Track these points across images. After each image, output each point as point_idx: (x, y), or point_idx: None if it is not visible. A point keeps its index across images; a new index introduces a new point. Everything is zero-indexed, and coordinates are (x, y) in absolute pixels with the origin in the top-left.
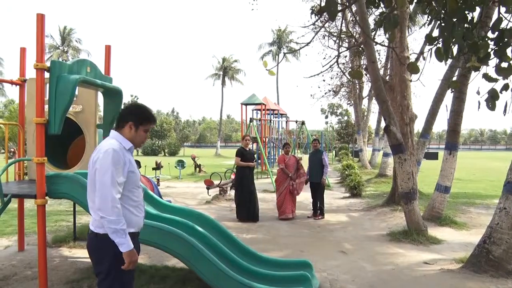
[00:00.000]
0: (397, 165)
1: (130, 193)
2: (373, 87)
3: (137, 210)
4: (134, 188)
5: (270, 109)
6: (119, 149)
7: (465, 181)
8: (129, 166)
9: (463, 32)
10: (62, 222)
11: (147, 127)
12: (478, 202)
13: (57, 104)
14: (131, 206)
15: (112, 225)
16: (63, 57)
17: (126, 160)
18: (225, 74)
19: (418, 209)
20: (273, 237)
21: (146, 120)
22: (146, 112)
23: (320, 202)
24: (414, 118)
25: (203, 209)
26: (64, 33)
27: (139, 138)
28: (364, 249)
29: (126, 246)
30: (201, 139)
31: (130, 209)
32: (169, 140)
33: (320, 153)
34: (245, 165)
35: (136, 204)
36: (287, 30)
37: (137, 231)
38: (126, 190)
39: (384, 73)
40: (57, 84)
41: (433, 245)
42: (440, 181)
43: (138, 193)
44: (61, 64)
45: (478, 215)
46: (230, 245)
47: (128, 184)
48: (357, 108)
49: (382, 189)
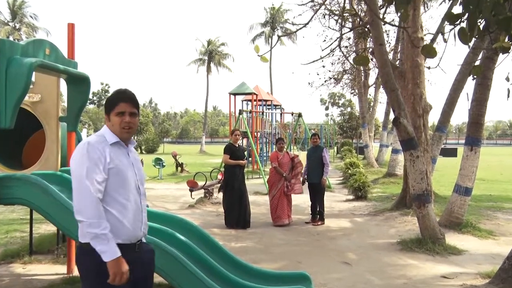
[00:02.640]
0: (408, 163)
1: (117, 193)
2: (381, 74)
3: (126, 216)
4: (121, 188)
5: (263, 99)
6: (96, 142)
7: (491, 182)
8: (111, 162)
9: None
10: (15, 233)
11: (117, 110)
12: (507, 206)
13: (9, 93)
14: (117, 210)
15: (91, 229)
16: (14, 36)
17: (106, 155)
18: (211, 59)
19: (434, 213)
20: (266, 246)
21: (112, 102)
22: (111, 95)
23: (319, 206)
24: (428, 109)
25: (186, 215)
26: (14, 6)
27: (115, 126)
28: (371, 259)
29: (109, 254)
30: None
31: (115, 214)
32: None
33: (320, 150)
34: (235, 164)
35: (124, 208)
36: (282, 9)
37: (128, 243)
38: (111, 191)
39: (393, 58)
40: (8, 69)
41: (452, 256)
42: (459, 182)
43: (127, 195)
44: (12, 44)
45: (507, 222)
46: (217, 256)
47: (112, 183)
48: (362, 98)
49: (391, 190)
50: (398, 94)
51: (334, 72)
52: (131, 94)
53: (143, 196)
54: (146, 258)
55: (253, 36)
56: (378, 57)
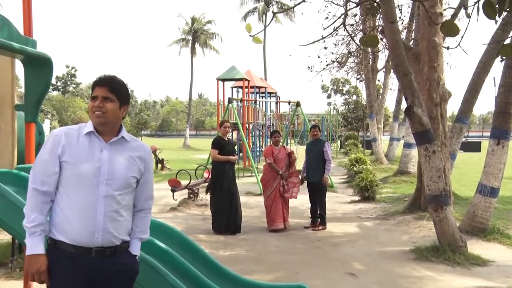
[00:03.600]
0: (423, 159)
1: (68, 189)
2: (392, 56)
3: (74, 215)
4: (73, 184)
5: (255, 86)
6: (59, 132)
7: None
8: (63, 155)
9: None
10: None
11: (92, 95)
12: None
13: None
14: (67, 207)
15: (24, 220)
16: None
17: (59, 147)
18: (195, 40)
19: (453, 217)
20: (260, 254)
21: (91, 89)
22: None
23: (320, 208)
24: (447, 97)
25: (167, 219)
26: None
27: (90, 113)
28: (380, 270)
29: (28, 248)
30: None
31: (64, 210)
32: None
33: (321, 144)
34: (225, 160)
35: (72, 207)
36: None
37: (77, 245)
38: (64, 185)
39: (407, 37)
40: None
41: (476, 267)
42: (483, 181)
43: (79, 193)
44: None
45: None
46: (202, 266)
47: (65, 178)
48: (370, 84)
49: (403, 190)
50: (412, 79)
51: (338, 55)
52: (110, 78)
53: (110, 200)
54: (118, 272)
55: (245, 13)
56: (388, 37)
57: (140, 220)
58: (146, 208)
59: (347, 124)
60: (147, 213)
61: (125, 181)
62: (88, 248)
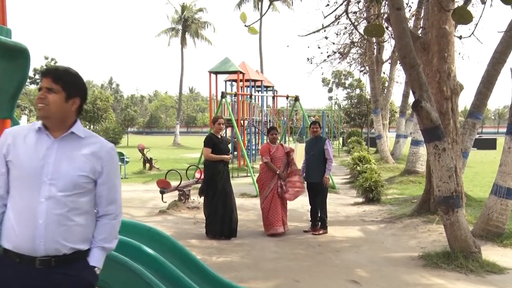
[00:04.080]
0: (432, 157)
1: (15, 190)
2: (398, 46)
3: (16, 218)
4: (18, 185)
5: (251, 79)
6: (9, 132)
7: None
8: (8, 154)
9: None
10: None
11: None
12: None
13: None
14: (12, 210)
15: None
16: None
17: (4, 146)
18: (186, 29)
19: (465, 221)
20: (256, 260)
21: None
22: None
23: (321, 211)
24: (458, 90)
25: (156, 222)
26: None
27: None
28: (386, 277)
29: None
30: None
31: (9, 214)
32: (106, 124)
33: (322, 142)
34: (218, 159)
35: (16, 209)
36: None
37: (19, 252)
38: (12, 187)
39: (415, 25)
40: None
41: (491, 275)
42: (499, 181)
43: (21, 194)
44: None
45: None
46: (194, 273)
47: (12, 178)
48: (374, 77)
49: (411, 192)
50: (420, 71)
51: (340, 45)
52: (54, 68)
53: (54, 203)
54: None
55: (239, 0)
56: (395, 25)
57: (103, 227)
58: (110, 213)
59: (350, 120)
60: (111, 219)
61: (72, 181)
62: (32, 258)
